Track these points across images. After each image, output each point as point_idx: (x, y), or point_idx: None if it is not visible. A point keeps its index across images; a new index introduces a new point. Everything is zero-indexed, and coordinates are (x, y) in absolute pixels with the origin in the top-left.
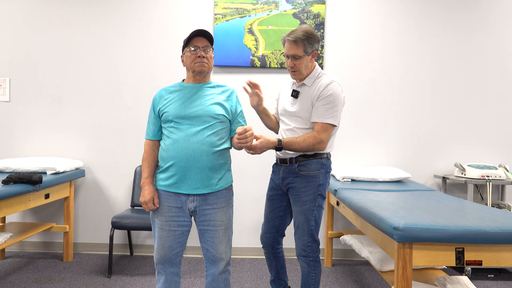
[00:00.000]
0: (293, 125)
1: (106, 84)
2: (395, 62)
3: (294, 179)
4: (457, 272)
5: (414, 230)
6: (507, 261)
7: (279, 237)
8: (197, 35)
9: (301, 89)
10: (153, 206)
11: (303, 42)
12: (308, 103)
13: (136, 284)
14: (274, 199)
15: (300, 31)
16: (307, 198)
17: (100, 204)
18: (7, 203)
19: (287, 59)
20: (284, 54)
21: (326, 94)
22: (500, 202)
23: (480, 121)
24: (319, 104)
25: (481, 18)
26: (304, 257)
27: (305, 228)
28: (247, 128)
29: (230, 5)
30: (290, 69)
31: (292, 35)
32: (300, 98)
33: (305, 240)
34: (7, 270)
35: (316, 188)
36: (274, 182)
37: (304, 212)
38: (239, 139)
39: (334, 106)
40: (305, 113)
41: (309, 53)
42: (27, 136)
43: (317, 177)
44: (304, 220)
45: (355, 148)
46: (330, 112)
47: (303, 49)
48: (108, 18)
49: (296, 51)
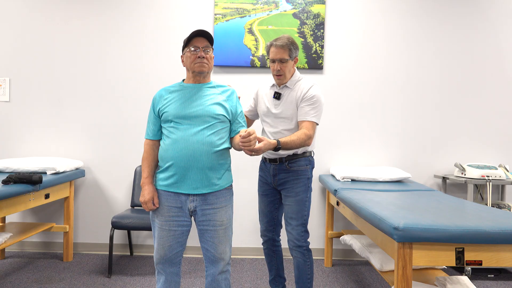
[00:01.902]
0: (281, 127)
1: (106, 84)
2: (395, 62)
3: (286, 174)
4: (457, 272)
5: (414, 230)
6: (507, 261)
7: (278, 229)
8: (197, 35)
9: (283, 91)
10: (153, 206)
11: (289, 47)
12: (292, 104)
13: (136, 284)
14: (268, 194)
15: (285, 38)
16: (299, 189)
17: (100, 204)
18: (7, 203)
19: (273, 63)
20: (270, 59)
21: (310, 95)
22: (500, 202)
23: (480, 121)
24: (303, 104)
25: (481, 18)
26: (298, 247)
27: (299, 218)
28: (250, 132)
29: (230, 5)
30: (276, 73)
31: (279, 41)
32: (283, 100)
33: (299, 229)
34: (7, 270)
35: (306, 180)
36: (265, 178)
37: (297, 203)
38: (243, 142)
39: (318, 106)
40: (290, 114)
41: (293, 58)
42: (27, 136)
43: (306, 171)
44: (297, 210)
45: (355, 148)
46: (315, 112)
47: (288, 54)
48: (108, 18)
49: (283, 55)
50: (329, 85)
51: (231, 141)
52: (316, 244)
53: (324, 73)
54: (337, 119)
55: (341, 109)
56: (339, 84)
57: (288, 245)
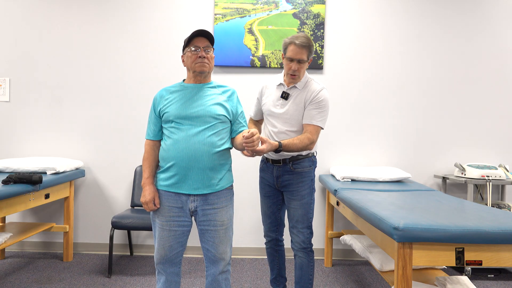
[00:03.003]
0: (285, 128)
1: (106, 84)
2: (395, 62)
3: (290, 176)
4: (457, 272)
5: (414, 230)
6: (507, 261)
7: (281, 228)
8: (198, 35)
9: (291, 92)
10: (154, 207)
11: (309, 48)
12: (300, 105)
13: (136, 284)
14: (270, 196)
15: (305, 38)
16: (304, 192)
17: (100, 204)
18: (7, 203)
19: (291, 62)
20: (288, 57)
21: (319, 99)
22: (500, 202)
23: (480, 121)
24: (311, 107)
25: (480, 18)
26: (304, 249)
27: (305, 221)
28: (253, 132)
29: (230, 5)
30: (292, 73)
31: (300, 40)
32: (291, 100)
33: (305, 232)
34: (7, 270)
35: (310, 182)
36: (266, 180)
37: (303, 206)
38: (246, 143)
39: (325, 111)
40: (296, 115)
41: (309, 59)
42: (27, 136)
43: (309, 172)
44: (303, 213)
45: (355, 148)
46: (321, 116)
47: (307, 55)
48: (108, 18)
49: (303, 55)
50: (329, 85)
51: (232, 141)
52: (316, 244)
53: (324, 73)
54: (337, 119)
55: (341, 109)
56: (339, 84)
57: (292, 246)
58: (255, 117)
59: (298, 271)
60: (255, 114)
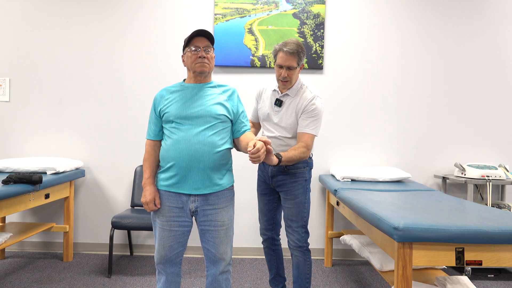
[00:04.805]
0: (278, 133)
1: (106, 84)
2: (395, 62)
3: (284, 176)
4: (457, 272)
5: (414, 230)
6: (507, 261)
7: (277, 228)
8: (198, 35)
9: (284, 99)
10: (154, 207)
11: (298, 54)
12: (293, 113)
13: (136, 284)
14: (267, 193)
15: (294, 44)
16: (298, 192)
17: (100, 204)
18: (7, 203)
19: (281, 69)
20: (278, 64)
21: (311, 108)
22: (500, 202)
23: (480, 121)
24: (304, 116)
25: (481, 18)
26: (299, 248)
27: (299, 220)
28: (259, 147)
29: (230, 5)
30: (283, 80)
31: (289, 47)
32: (284, 107)
33: (299, 231)
34: (7, 270)
35: (304, 182)
36: (263, 178)
37: (297, 205)
38: (252, 157)
39: (318, 119)
40: (290, 123)
41: (299, 65)
42: (27, 136)
43: (303, 173)
44: (297, 212)
45: (355, 148)
46: (314, 124)
47: (297, 61)
48: (108, 18)
49: (292, 62)
50: (329, 85)
51: (236, 142)
52: (316, 244)
53: (324, 73)
54: (337, 119)
55: (341, 109)
56: (339, 84)
57: (288, 245)
58: (253, 120)
59: (295, 270)
60: (253, 116)
